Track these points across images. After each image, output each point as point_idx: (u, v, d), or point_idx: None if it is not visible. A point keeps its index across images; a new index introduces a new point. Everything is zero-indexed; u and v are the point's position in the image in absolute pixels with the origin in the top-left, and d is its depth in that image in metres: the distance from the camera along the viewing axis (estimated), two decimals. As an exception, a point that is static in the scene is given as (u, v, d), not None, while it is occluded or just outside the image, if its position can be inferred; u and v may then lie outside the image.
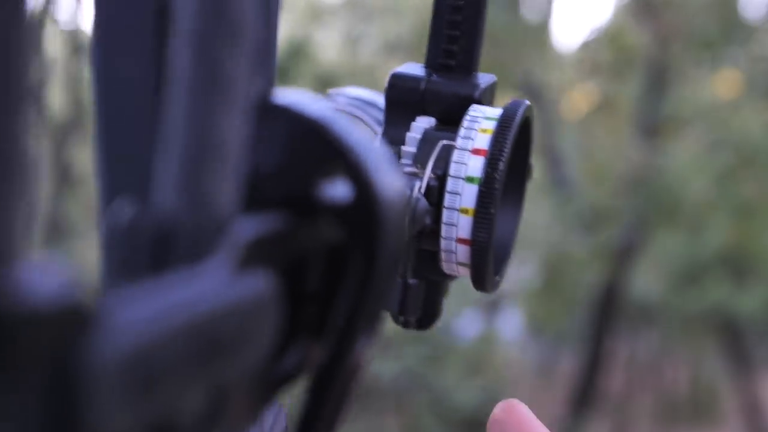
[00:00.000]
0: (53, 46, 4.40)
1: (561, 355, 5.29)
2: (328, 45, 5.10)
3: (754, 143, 3.77)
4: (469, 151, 0.36)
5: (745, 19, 4.27)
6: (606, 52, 4.20)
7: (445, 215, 0.36)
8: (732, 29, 4.00)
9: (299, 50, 4.06)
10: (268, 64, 0.26)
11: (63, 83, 4.02)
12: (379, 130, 0.38)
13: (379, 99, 0.41)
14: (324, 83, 4.20)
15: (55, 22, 4.07)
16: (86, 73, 4.06)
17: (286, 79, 4.04)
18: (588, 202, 4.11)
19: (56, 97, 4.24)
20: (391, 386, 4.57)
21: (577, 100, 4.59)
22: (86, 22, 4.25)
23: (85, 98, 4.06)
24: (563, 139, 4.19)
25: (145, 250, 0.20)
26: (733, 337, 4.43)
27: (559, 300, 4.09)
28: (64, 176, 3.96)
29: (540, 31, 4.34)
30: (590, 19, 8.88)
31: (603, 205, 4.07)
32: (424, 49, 0.42)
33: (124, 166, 0.26)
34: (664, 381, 4.85)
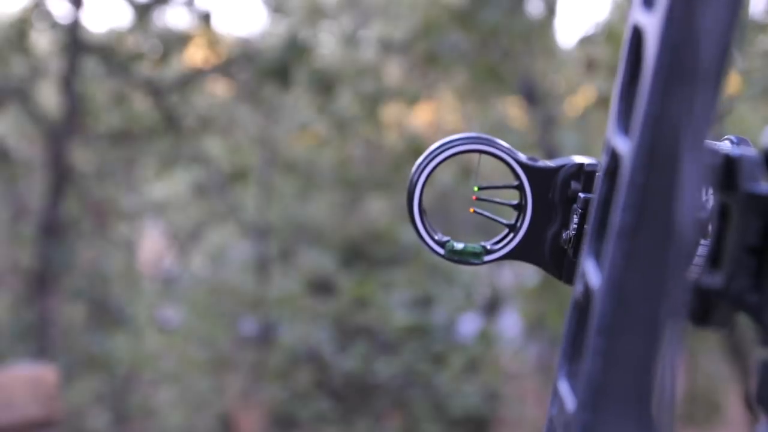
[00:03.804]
0: (50, 44, 4.40)
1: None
2: (328, 45, 5.09)
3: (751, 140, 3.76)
4: None
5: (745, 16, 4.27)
6: (604, 49, 4.20)
7: None
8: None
9: (299, 50, 4.05)
10: None
11: (61, 82, 4.02)
12: None
13: None
14: (324, 84, 4.20)
15: (53, 19, 4.06)
16: (83, 70, 4.06)
17: (286, 79, 4.04)
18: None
19: (54, 97, 4.24)
20: (390, 385, 4.56)
21: (575, 96, 4.58)
22: (84, 17, 4.24)
23: (83, 97, 4.05)
24: (561, 135, 4.18)
25: None
26: (733, 336, 4.44)
27: (557, 299, 4.09)
28: (65, 176, 3.96)
29: (543, 28, 4.34)
30: (589, 16, 8.87)
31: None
32: (421, 49, 0.42)
33: None
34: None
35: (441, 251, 0.60)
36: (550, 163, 0.60)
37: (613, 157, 0.36)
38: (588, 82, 4.40)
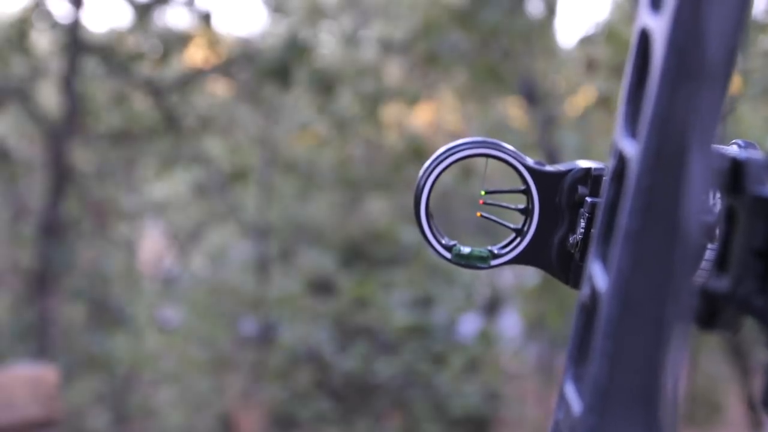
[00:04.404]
0: (50, 44, 4.40)
1: (560, 352, 5.29)
2: (328, 45, 5.09)
3: (752, 140, 3.76)
4: None
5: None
6: (604, 48, 4.20)
7: None
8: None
9: (299, 50, 4.05)
10: None
11: (61, 82, 4.02)
12: None
13: None
14: (324, 84, 4.20)
15: (53, 19, 4.06)
16: (83, 70, 4.06)
17: (286, 79, 4.04)
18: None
19: (54, 97, 4.24)
20: (390, 385, 4.56)
21: (575, 96, 4.58)
22: (84, 17, 4.23)
23: (83, 97, 4.05)
24: (561, 135, 4.19)
25: None
26: (733, 337, 4.42)
27: (557, 299, 4.09)
28: (65, 176, 3.96)
29: (543, 28, 4.34)
30: (589, 16, 8.87)
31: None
32: (421, 49, 0.41)
33: None
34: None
35: (448, 256, 0.60)
36: (558, 168, 0.59)
37: (620, 160, 0.35)
38: (588, 82, 4.40)
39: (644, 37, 0.35)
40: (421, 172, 0.60)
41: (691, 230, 0.31)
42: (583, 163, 0.59)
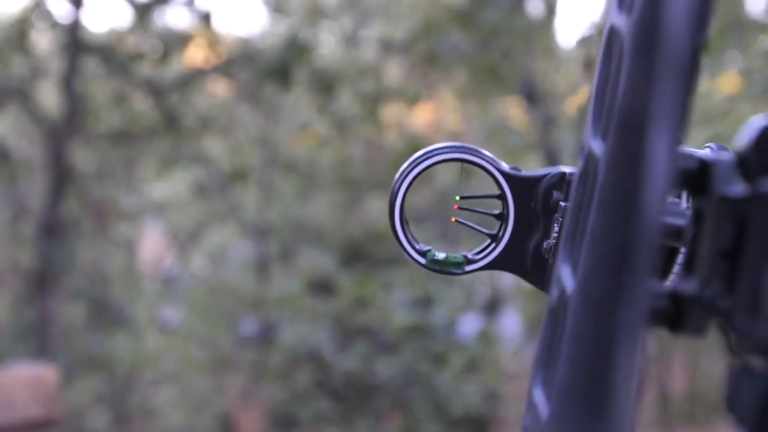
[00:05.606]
0: (50, 44, 4.40)
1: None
2: (328, 45, 5.09)
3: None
4: None
5: (746, 16, 4.26)
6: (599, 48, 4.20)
7: None
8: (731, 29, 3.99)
9: (299, 50, 4.06)
10: None
11: (61, 82, 4.02)
12: None
13: None
14: (324, 84, 4.20)
15: (53, 19, 4.06)
16: (83, 70, 4.06)
17: (286, 79, 4.04)
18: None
19: (54, 97, 4.24)
20: (390, 385, 4.56)
21: (575, 96, 4.58)
22: (84, 17, 4.24)
23: (83, 97, 4.05)
24: (561, 136, 4.19)
25: None
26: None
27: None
28: (65, 176, 3.96)
29: (543, 28, 4.34)
30: (589, 16, 8.86)
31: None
32: (421, 49, 0.42)
33: None
34: (662, 381, 4.85)
35: (422, 261, 0.60)
36: (533, 173, 0.59)
37: (588, 160, 0.35)
38: (587, 82, 4.40)
39: (612, 36, 0.35)
40: (396, 176, 0.59)
41: (652, 229, 0.31)
42: (562, 168, 0.59)
